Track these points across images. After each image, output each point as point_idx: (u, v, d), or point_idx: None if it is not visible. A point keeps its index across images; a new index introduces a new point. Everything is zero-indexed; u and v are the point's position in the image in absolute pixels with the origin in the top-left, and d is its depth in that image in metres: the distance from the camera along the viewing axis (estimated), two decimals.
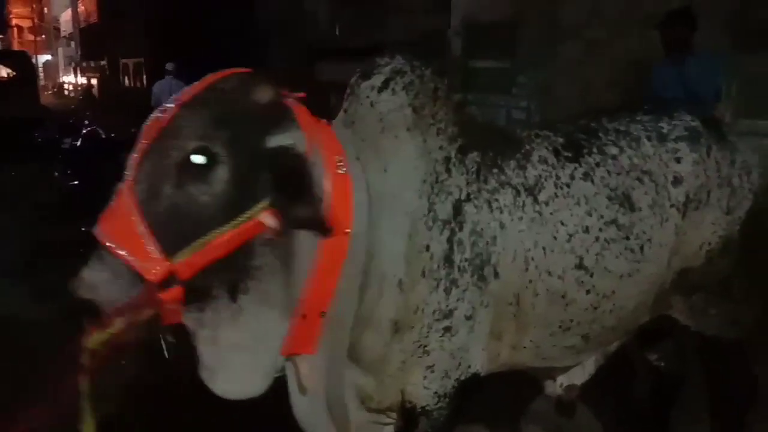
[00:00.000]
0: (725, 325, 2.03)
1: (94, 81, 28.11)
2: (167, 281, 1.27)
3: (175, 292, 1.29)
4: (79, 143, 8.63)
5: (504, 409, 2.79)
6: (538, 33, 5.72)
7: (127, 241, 1.25)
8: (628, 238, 1.79)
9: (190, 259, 1.28)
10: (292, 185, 1.35)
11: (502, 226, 1.67)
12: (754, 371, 2.18)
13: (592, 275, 1.76)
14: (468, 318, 1.65)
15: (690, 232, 1.89)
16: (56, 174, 7.55)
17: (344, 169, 1.49)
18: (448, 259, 1.60)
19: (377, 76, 1.68)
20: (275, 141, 1.37)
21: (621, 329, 1.97)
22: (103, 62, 25.48)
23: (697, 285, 1.97)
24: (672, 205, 1.85)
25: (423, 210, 1.59)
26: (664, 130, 1.92)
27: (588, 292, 1.77)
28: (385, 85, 1.67)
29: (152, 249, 1.25)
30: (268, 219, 1.33)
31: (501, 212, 1.67)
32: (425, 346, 1.64)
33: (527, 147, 1.80)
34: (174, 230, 1.28)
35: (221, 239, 1.30)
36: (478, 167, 1.69)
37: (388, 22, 8.26)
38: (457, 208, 1.63)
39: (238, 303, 1.40)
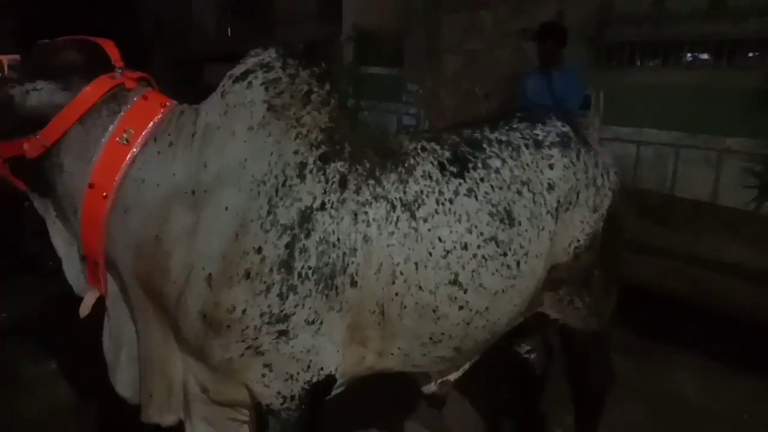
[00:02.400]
0: (588, 317, 2.14)
1: None
2: None
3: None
4: None
5: (383, 407, 2.82)
6: (423, 44, 5.89)
7: None
8: (505, 255, 1.80)
9: None
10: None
11: (366, 238, 1.64)
12: (611, 359, 2.32)
13: (466, 291, 1.76)
14: (310, 323, 1.61)
15: (561, 233, 1.95)
16: None
17: (127, 142, 1.55)
18: (286, 265, 1.55)
19: (240, 65, 1.62)
20: (32, 86, 1.56)
21: (495, 339, 2.00)
22: None
23: (565, 280, 2.05)
24: (547, 212, 1.90)
25: (258, 211, 1.54)
26: (540, 137, 1.96)
27: (461, 308, 1.77)
28: (243, 76, 1.61)
29: None
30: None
31: (368, 225, 1.64)
32: (257, 347, 1.59)
33: (412, 161, 1.77)
34: None
35: None
36: (343, 177, 1.64)
37: (278, 29, 8.19)
38: (306, 216, 1.57)
39: (53, 216, 1.69)
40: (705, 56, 4.73)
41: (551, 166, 1.93)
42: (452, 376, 2.17)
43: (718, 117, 4.31)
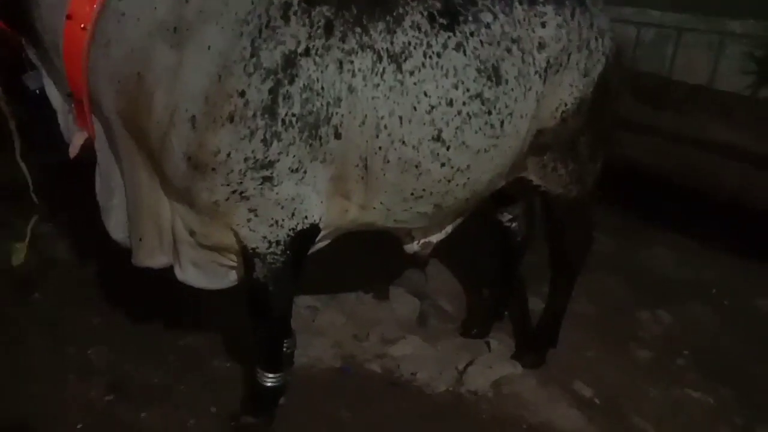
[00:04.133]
0: (571, 184, 2.17)
1: None
2: None
3: None
4: None
5: (369, 271, 2.93)
6: None
7: None
8: (490, 113, 1.80)
9: None
10: None
11: (351, 89, 1.62)
12: (591, 226, 2.39)
13: (448, 148, 1.77)
14: (294, 171, 1.63)
15: (549, 96, 1.94)
16: None
17: None
18: (270, 110, 1.55)
19: None
20: None
21: (475, 200, 2.04)
22: None
23: (550, 145, 2.07)
24: (536, 72, 1.88)
25: (242, 53, 1.51)
26: None
27: (443, 165, 1.79)
28: None
29: None
30: None
31: (353, 75, 1.62)
32: (242, 192, 1.62)
33: (401, 10, 1.71)
34: None
35: None
36: (328, 23, 1.60)
37: None
38: (290, 60, 1.55)
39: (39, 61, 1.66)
40: None
41: (543, 24, 1.88)
42: (434, 237, 2.24)
43: None
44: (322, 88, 1.59)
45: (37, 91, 1.87)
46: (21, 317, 2.48)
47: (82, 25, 1.48)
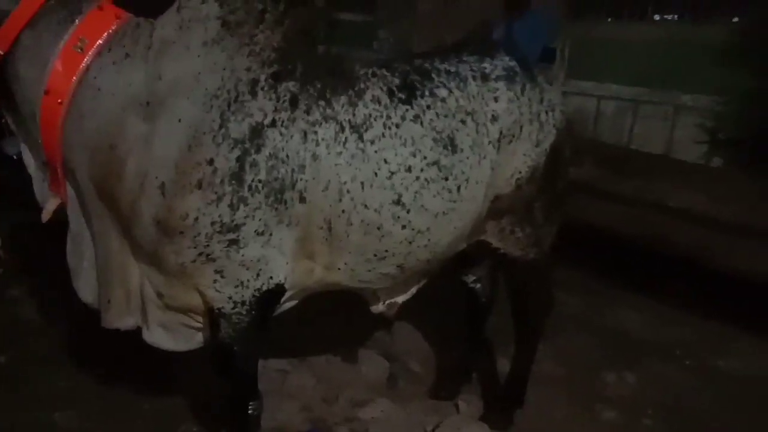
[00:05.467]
0: (529, 246, 2.27)
1: None
2: None
3: None
4: None
5: (336, 332, 2.97)
6: None
7: None
8: (447, 179, 1.91)
9: None
10: None
11: (315, 157, 1.73)
12: (550, 288, 2.48)
13: (408, 211, 1.87)
14: (260, 234, 1.71)
15: (503, 164, 2.06)
16: None
17: (82, 50, 1.60)
18: (237, 177, 1.64)
19: None
20: None
21: (437, 260, 2.12)
22: None
23: (507, 210, 2.17)
24: (490, 142, 2.00)
25: (211, 124, 1.62)
26: (487, 70, 2.05)
27: (404, 227, 1.88)
28: None
29: None
30: None
31: (317, 144, 1.73)
32: (208, 254, 1.69)
33: (362, 85, 1.85)
34: None
35: None
36: (294, 97, 1.72)
37: None
38: (256, 131, 1.66)
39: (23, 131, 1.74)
40: (671, 15, 4.83)
41: (496, 99, 2.02)
42: (400, 298, 2.31)
43: (677, 73, 4.44)
44: (288, 156, 1.70)
45: (15, 156, 1.96)
46: None
47: (59, 100, 1.59)
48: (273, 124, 1.68)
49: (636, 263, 3.83)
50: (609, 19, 5.10)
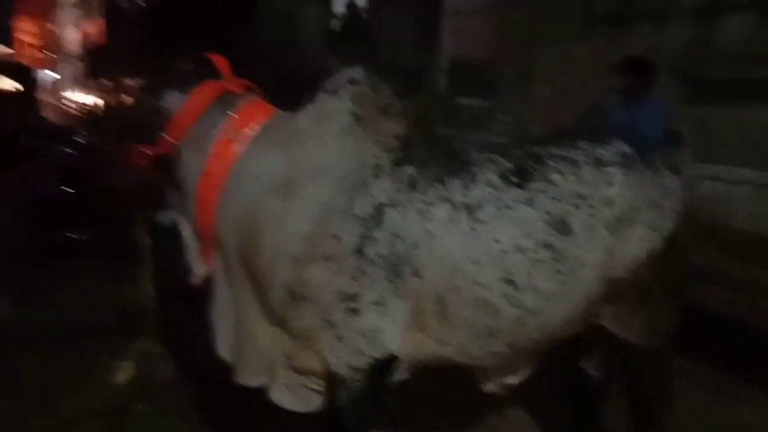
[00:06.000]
0: (646, 333, 2.21)
1: (93, 98, 28.46)
2: None
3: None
4: (71, 151, 8.83)
5: (445, 410, 2.97)
6: (515, 75, 6.06)
7: None
8: (558, 261, 1.95)
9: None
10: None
11: (430, 234, 1.85)
12: (670, 378, 2.36)
13: (519, 291, 1.92)
14: (377, 304, 1.84)
15: (619, 249, 2.06)
16: (46, 179, 7.71)
17: (234, 140, 1.87)
18: (359, 251, 1.80)
19: (331, 81, 1.92)
20: (164, 94, 1.95)
21: (548, 341, 2.13)
22: (102, 81, 25.84)
23: (623, 295, 2.15)
24: (604, 227, 2.02)
25: (340, 204, 1.80)
26: (602, 156, 2.09)
27: (514, 306, 1.93)
28: (335, 90, 1.92)
29: None
30: None
31: (431, 222, 1.86)
32: (329, 320, 1.84)
33: (476, 169, 1.97)
34: None
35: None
36: (412, 180, 1.88)
37: (378, 55, 8.62)
38: (378, 210, 1.82)
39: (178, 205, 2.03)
40: None
41: (610, 184, 2.05)
42: (511, 379, 2.30)
43: None
44: (405, 233, 1.84)
45: (166, 227, 2.27)
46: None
47: (214, 181, 1.86)
48: (393, 204, 1.84)
49: (761, 356, 3.52)
50: (739, 101, 4.92)
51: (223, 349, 2.07)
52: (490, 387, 2.32)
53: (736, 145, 4.76)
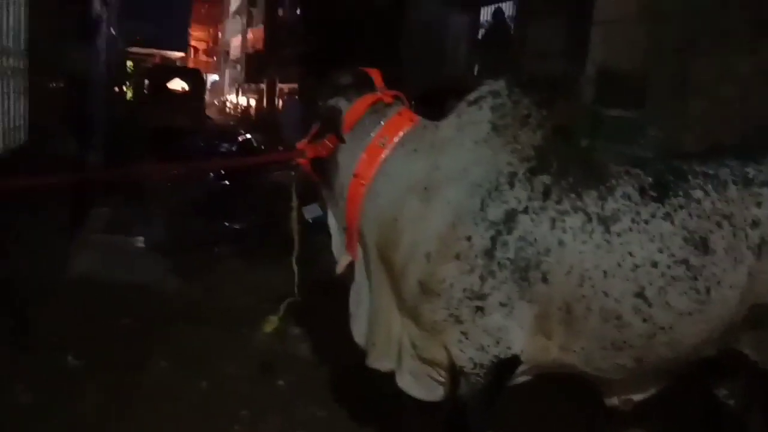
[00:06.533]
0: None
1: (253, 101, 30.84)
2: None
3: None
4: (234, 149, 9.77)
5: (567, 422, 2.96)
6: (668, 86, 5.73)
7: None
8: (696, 279, 1.91)
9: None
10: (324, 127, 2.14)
11: (561, 243, 1.90)
12: None
13: (651, 306, 1.90)
14: (503, 305, 1.92)
15: (764, 272, 1.98)
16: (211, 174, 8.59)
17: (383, 146, 2.04)
18: (489, 253, 1.89)
19: (474, 92, 2.05)
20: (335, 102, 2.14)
21: (679, 361, 2.08)
22: (262, 85, 27.90)
23: (767, 321, 2.06)
24: (748, 248, 1.95)
25: (473, 207, 1.91)
26: (750, 175, 2.01)
27: (644, 320, 1.92)
28: (476, 101, 2.05)
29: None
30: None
31: (564, 232, 1.91)
32: (457, 316, 1.95)
33: (613, 182, 1.99)
34: None
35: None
36: (547, 188, 1.94)
37: (524, 64, 8.55)
38: (510, 216, 1.90)
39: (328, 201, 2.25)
40: None
41: (759, 204, 1.97)
42: (636, 396, 2.27)
43: None
44: (535, 239, 1.90)
45: (310, 220, 2.51)
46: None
47: (363, 182, 2.06)
48: (525, 210, 1.92)
49: None
50: None
51: (358, 333, 2.26)
52: (613, 401, 2.30)
53: None
